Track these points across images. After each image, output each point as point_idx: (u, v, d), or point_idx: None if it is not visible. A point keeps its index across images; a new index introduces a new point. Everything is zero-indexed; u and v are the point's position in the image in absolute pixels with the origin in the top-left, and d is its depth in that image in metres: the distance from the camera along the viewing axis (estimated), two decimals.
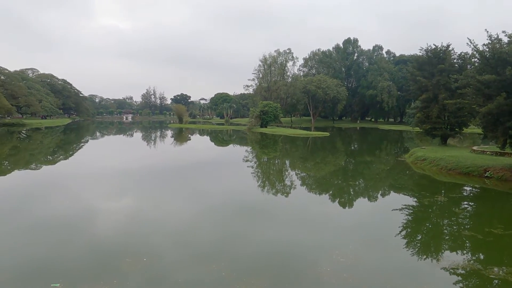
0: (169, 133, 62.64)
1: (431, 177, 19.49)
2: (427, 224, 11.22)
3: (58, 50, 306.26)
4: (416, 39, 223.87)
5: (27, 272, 7.01)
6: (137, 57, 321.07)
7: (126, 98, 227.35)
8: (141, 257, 7.59)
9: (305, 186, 17.22)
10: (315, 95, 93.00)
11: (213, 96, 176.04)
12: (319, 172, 21.96)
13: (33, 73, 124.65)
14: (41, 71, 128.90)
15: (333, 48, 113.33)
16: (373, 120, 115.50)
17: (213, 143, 44.53)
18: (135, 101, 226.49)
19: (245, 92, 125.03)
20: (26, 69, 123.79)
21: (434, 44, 28.76)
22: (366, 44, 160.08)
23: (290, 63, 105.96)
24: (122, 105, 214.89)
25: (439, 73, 27.34)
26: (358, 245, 8.80)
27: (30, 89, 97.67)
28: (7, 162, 24.21)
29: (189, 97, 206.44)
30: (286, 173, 21.60)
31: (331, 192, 16.19)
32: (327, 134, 56.18)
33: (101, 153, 32.00)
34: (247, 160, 26.20)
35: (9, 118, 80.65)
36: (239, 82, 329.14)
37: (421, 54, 30.14)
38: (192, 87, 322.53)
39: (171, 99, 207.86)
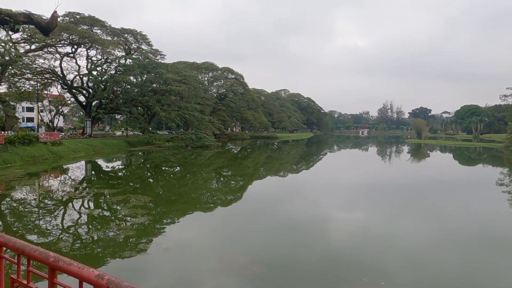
0: (405, 148, 59.87)
1: None
2: None
3: (303, 70, 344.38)
4: None
5: (270, 267, 8.14)
6: (373, 72, 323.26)
7: (363, 113, 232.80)
8: (378, 279, 7.35)
9: None
10: None
11: (458, 109, 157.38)
12: None
13: (284, 93, 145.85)
14: (291, 91, 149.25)
15: None
16: None
17: (456, 161, 39.55)
18: (371, 116, 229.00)
19: (502, 103, 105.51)
20: (279, 90, 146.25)
21: None
22: None
23: None
24: (359, 120, 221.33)
25: None
26: None
27: (281, 107, 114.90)
28: (262, 168, 29.25)
29: (429, 110, 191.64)
30: None
31: None
32: None
33: (337, 165, 33.98)
34: (501, 184, 21.93)
35: (265, 132, 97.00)
36: (493, 92, 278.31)
37: None
38: (433, 99, 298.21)
39: (408, 113, 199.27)
